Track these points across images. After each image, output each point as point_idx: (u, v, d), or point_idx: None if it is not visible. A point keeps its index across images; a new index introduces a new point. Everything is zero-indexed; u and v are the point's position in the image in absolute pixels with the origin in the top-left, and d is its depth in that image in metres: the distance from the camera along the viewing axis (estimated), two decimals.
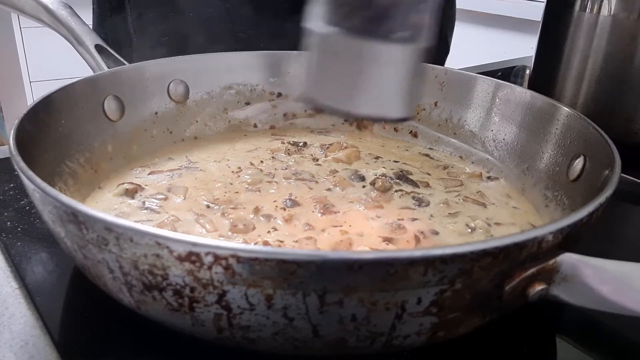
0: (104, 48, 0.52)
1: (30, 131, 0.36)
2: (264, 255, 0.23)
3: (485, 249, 0.24)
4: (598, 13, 0.58)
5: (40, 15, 0.54)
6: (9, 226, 0.41)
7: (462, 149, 0.53)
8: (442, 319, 0.26)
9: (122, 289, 0.27)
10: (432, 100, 0.55)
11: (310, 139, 0.55)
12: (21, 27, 2.27)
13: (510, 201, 0.45)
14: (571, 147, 0.42)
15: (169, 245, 0.24)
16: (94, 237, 0.26)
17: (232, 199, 0.42)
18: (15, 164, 0.30)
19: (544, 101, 0.47)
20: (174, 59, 0.53)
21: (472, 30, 1.91)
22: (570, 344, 0.34)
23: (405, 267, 0.23)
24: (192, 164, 0.48)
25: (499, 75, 0.86)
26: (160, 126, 0.52)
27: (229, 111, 0.56)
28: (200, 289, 0.25)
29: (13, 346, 0.30)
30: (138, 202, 0.41)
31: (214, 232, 0.37)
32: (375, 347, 0.27)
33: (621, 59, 0.58)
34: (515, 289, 0.26)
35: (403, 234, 0.38)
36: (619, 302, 0.26)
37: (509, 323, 0.33)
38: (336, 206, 0.41)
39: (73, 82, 0.44)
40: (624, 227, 0.49)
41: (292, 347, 0.27)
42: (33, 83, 2.40)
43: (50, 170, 0.39)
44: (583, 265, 0.26)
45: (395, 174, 0.47)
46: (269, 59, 0.57)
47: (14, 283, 0.35)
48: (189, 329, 0.27)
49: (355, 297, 0.24)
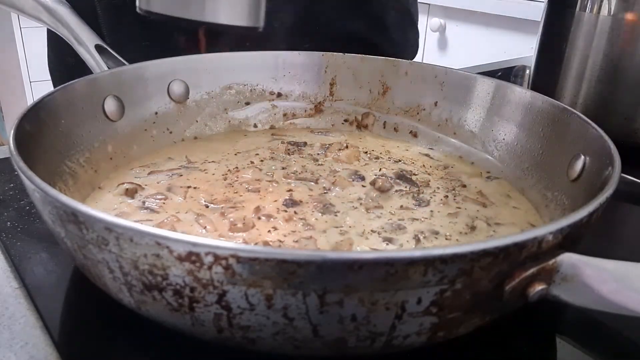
0: (104, 48, 0.52)
1: (30, 131, 0.36)
2: (264, 255, 0.23)
3: (485, 249, 0.24)
4: (598, 13, 0.58)
5: (40, 15, 0.54)
6: (9, 226, 0.41)
7: (462, 149, 0.53)
8: (442, 319, 0.26)
9: (122, 289, 0.27)
10: (432, 100, 0.55)
11: (310, 139, 0.55)
12: (21, 27, 2.27)
13: (510, 201, 0.45)
14: (571, 147, 0.42)
15: (169, 245, 0.24)
16: (94, 237, 0.26)
17: (232, 198, 0.42)
18: (15, 164, 0.30)
19: (544, 101, 0.47)
20: (174, 59, 0.52)
21: (472, 30, 1.91)
22: (570, 344, 0.34)
23: (405, 267, 0.23)
24: (191, 164, 0.48)
25: (499, 75, 0.86)
26: (160, 126, 0.52)
27: (229, 111, 0.56)
28: (200, 289, 0.25)
29: (13, 346, 0.30)
30: (138, 202, 0.41)
31: (214, 232, 0.37)
32: (375, 347, 0.27)
33: (621, 59, 0.58)
34: (515, 289, 0.26)
35: (403, 234, 0.38)
36: (619, 302, 0.26)
37: (509, 323, 0.33)
38: (336, 206, 0.41)
39: (73, 82, 0.44)
40: (624, 227, 0.49)
41: (292, 347, 0.27)
42: (33, 83, 2.40)
43: (50, 170, 0.39)
44: (583, 265, 0.26)
45: (395, 174, 0.47)
46: (269, 59, 0.57)
47: (14, 283, 0.35)
48: (189, 329, 0.27)
49: (355, 297, 0.24)
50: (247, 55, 0.56)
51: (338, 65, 0.58)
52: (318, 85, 0.58)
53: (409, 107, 0.57)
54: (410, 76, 0.56)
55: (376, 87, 0.58)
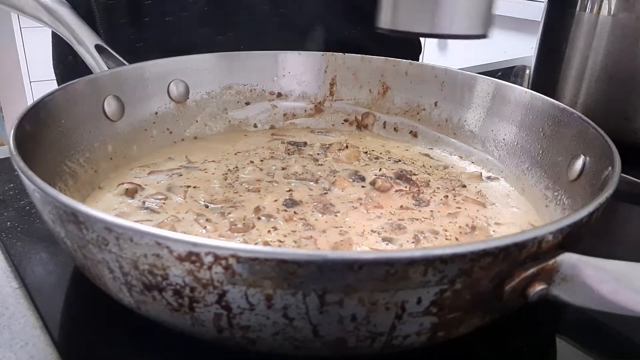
0: (104, 48, 0.52)
1: (30, 131, 0.36)
2: (264, 255, 0.23)
3: (485, 249, 0.24)
4: (598, 13, 0.58)
5: (40, 15, 0.54)
6: (9, 226, 0.41)
7: (462, 149, 0.53)
8: (442, 319, 0.26)
9: (122, 289, 0.27)
10: (432, 100, 0.55)
11: (310, 139, 0.55)
12: (21, 27, 2.27)
13: (510, 201, 0.45)
14: (571, 147, 0.42)
15: (169, 245, 0.24)
16: (94, 237, 0.26)
17: (231, 198, 0.42)
18: (15, 164, 0.30)
19: (544, 101, 0.47)
20: (174, 59, 0.53)
21: None
22: (570, 344, 0.34)
23: (405, 267, 0.23)
24: (191, 163, 0.48)
25: (499, 75, 0.86)
26: (160, 126, 0.52)
27: (229, 111, 0.56)
28: (200, 289, 0.25)
29: (13, 346, 0.30)
30: (138, 202, 0.41)
31: (214, 232, 0.37)
32: (375, 347, 0.27)
33: (621, 59, 0.58)
34: (515, 289, 0.26)
35: (403, 234, 0.38)
36: (619, 302, 0.26)
37: (509, 323, 0.33)
38: (336, 206, 0.41)
39: (73, 82, 0.44)
40: (624, 227, 0.49)
41: (292, 347, 0.27)
42: (33, 83, 2.40)
43: (50, 170, 0.39)
44: (583, 265, 0.26)
45: (395, 174, 0.47)
46: (269, 59, 0.57)
47: (14, 283, 0.35)
48: (189, 329, 0.27)
49: (355, 297, 0.24)
50: (247, 55, 0.56)
51: (338, 65, 0.58)
52: (318, 85, 0.58)
53: (409, 107, 0.57)
54: (410, 76, 0.56)
55: (376, 87, 0.58)
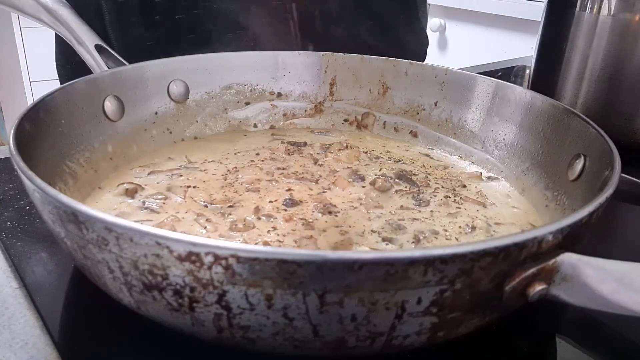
0: (104, 48, 0.52)
1: (30, 131, 0.36)
2: (264, 255, 0.23)
3: (485, 249, 0.24)
4: (598, 13, 0.58)
5: (40, 15, 0.54)
6: (9, 226, 0.41)
7: (462, 149, 0.53)
8: (442, 319, 0.26)
9: (122, 289, 0.27)
10: (432, 100, 0.55)
11: (310, 139, 0.55)
12: (21, 27, 2.27)
13: (510, 201, 0.45)
14: (571, 147, 0.42)
15: (169, 245, 0.24)
16: (94, 237, 0.26)
17: (231, 198, 0.42)
18: (15, 164, 0.30)
19: (544, 101, 0.47)
20: (174, 59, 0.52)
21: (472, 30, 1.91)
22: (570, 344, 0.34)
23: (405, 267, 0.23)
24: (191, 164, 0.48)
25: (499, 75, 0.86)
26: (160, 126, 0.52)
27: (229, 111, 0.56)
28: (200, 289, 0.25)
29: (13, 346, 0.30)
30: (138, 202, 0.41)
31: (214, 232, 0.37)
32: (375, 347, 0.27)
33: (621, 59, 0.58)
34: (515, 289, 0.26)
35: (403, 234, 0.38)
36: (619, 302, 0.26)
37: (509, 323, 0.33)
38: (336, 206, 0.41)
39: (73, 82, 0.44)
40: (624, 227, 0.49)
41: (292, 347, 0.27)
42: (33, 83, 2.40)
43: (50, 170, 0.39)
44: (583, 265, 0.26)
45: (395, 174, 0.47)
46: (269, 59, 0.57)
47: (14, 283, 0.35)
48: (189, 329, 0.27)
49: (355, 297, 0.24)
50: (247, 55, 0.56)
51: (338, 65, 0.58)
52: (318, 85, 0.58)
53: (408, 107, 0.57)
54: (410, 76, 0.56)
55: (376, 87, 0.58)
